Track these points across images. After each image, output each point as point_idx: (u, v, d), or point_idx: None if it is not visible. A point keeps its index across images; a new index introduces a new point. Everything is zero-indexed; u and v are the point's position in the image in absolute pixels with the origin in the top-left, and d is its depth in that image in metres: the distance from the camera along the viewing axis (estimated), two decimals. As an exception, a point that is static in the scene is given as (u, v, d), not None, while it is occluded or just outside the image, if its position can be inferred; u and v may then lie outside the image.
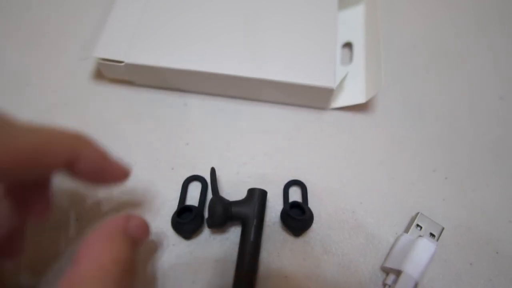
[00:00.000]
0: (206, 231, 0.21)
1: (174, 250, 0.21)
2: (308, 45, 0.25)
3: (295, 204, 0.22)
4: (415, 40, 0.30)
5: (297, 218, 0.21)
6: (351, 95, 0.26)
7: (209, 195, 0.22)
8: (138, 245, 0.17)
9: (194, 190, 0.23)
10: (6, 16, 0.30)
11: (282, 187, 0.23)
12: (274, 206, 0.23)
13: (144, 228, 0.17)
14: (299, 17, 0.26)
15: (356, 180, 0.23)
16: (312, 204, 0.22)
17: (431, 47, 0.29)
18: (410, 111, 0.26)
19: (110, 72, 0.26)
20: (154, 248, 0.21)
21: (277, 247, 0.21)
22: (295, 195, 0.23)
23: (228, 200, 0.21)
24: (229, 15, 0.26)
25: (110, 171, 0.17)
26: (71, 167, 0.15)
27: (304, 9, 0.27)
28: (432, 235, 0.21)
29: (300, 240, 0.21)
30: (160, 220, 0.22)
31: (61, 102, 0.26)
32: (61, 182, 0.21)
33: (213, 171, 0.22)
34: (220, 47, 0.25)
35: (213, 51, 0.25)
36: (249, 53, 0.25)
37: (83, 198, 0.22)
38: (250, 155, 0.24)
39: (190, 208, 0.21)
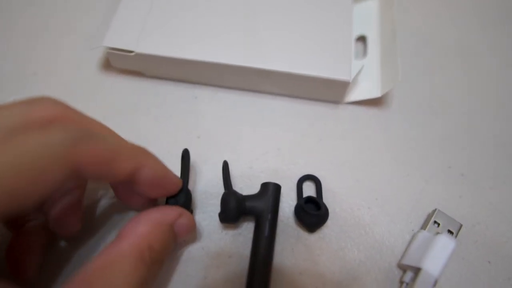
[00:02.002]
0: (218, 226, 0.21)
1: (185, 245, 0.20)
2: (324, 37, 0.24)
3: (309, 199, 0.21)
4: (429, 36, 0.29)
5: (312, 213, 0.20)
6: (366, 89, 0.25)
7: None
8: (178, 241, 0.17)
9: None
10: (13, 5, 0.29)
11: (295, 182, 0.22)
12: (288, 201, 0.22)
13: (190, 228, 0.18)
14: (315, 10, 0.26)
15: (371, 176, 0.23)
16: (326, 200, 0.22)
17: (446, 43, 0.29)
18: (425, 107, 0.26)
19: (119, 62, 0.25)
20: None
21: (291, 243, 0.21)
22: (308, 190, 0.22)
23: (241, 195, 0.20)
24: (244, 5, 0.26)
25: (168, 184, 0.18)
26: (134, 177, 0.16)
27: (319, 1, 0.26)
28: (450, 232, 0.20)
29: (314, 236, 0.21)
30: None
31: (68, 93, 0.25)
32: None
33: (225, 165, 0.22)
34: (233, 38, 0.24)
35: (225, 42, 0.24)
36: (263, 45, 0.24)
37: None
38: (263, 149, 0.24)
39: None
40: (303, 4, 0.26)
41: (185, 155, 0.20)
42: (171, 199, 0.19)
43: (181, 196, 0.19)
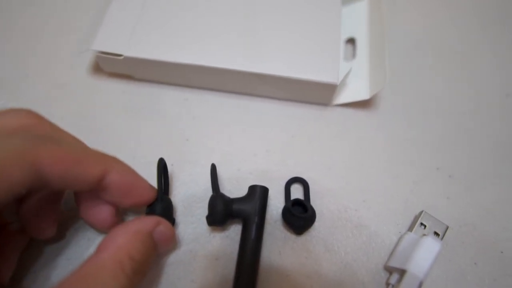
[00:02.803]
0: (206, 229, 0.21)
1: (172, 247, 0.20)
2: (311, 40, 0.24)
3: (297, 202, 0.21)
4: (418, 38, 0.29)
5: (299, 215, 0.20)
6: (354, 91, 0.25)
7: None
8: (158, 250, 0.17)
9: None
10: (4, 9, 0.29)
11: (283, 184, 0.23)
12: (276, 204, 0.22)
13: (169, 236, 0.18)
14: (303, 12, 0.26)
15: (359, 178, 0.23)
16: (314, 202, 0.22)
17: (435, 45, 0.29)
18: (413, 109, 0.26)
19: (108, 66, 0.25)
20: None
21: (278, 246, 0.21)
22: (297, 192, 0.23)
23: (229, 197, 0.20)
24: (231, 9, 0.26)
25: (138, 190, 0.18)
26: (102, 183, 0.16)
27: (307, 4, 0.26)
28: (436, 234, 0.20)
29: (302, 239, 0.21)
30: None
31: (58, 96, 0.25)
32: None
33: (213, 168, 0.22)
34: (221, 41, 0.24)
35: (214, 45, 0.24)
36: (251, 48, 0.24)
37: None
38: (251, 151, 0.24)
39: None
40: (292, 7, 0.26)
41: (159, 164, 0.20)
42: (148, 209, 0.19)
43: (157, 205, 0.19)
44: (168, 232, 0.18)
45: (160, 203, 0.19)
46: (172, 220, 0.20)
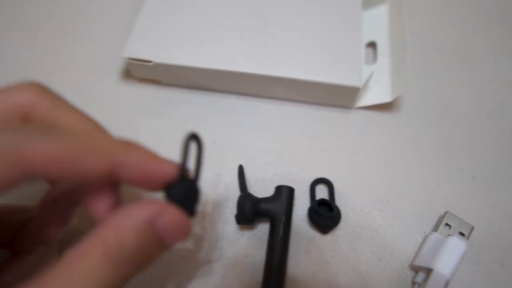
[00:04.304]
0: (234, 228, 0.22)
1: (204, 245, 0.21)
2: (334, 44, 0.25)
3: (322, 202, 0.22)
4: (439, 41, 0.29)
5: (325, 215, 0.21)
6: (376, 94, 0.26)
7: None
8: (165, 242, 0.14)
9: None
10: (36, 15, 0.31)
11: (307, 185, 0.23)
12: (301, 204, 0.23)
13: (177, 228, 0.14)
14: (324, 17, 0.26)
15: (382, 179, 0.23)
16: (338, 203, 0.22)
17: (455, 47, 0.29)
18: (435, 111, 0.26)
19: (138, 72, 0.27)
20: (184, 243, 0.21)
21: (304, 244, 0.21)
22: (321, 193, 0.23)
23: (256, 197, 0.21)
24: (255, 15, 0.27)
25: (158, 177, 0.15)
26: (111, 176, 0.14)
27: (328, 8, 0.27)
28: (461, 234, 0.21)
29: (327, 238, 0.22)
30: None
31: (89, 101, 0.27)
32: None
33: (241, 169, 0.22)
34: (246, 46, 0.25)
35: (240, 51, 0.25)
36: (276, 53, 0.25)
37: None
38: (276, 153, 0.24)
39: None
40: (314, 12, 0.27)
41: (186, 140, 0.15)
42: (165, 191, 0.15)
43: (175, 188, 0.15)
44: (175, 223, 0.14)
45: (179, 186, 0.15)
46: (190, 210, 0.15)
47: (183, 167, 0.15)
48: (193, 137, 0.15)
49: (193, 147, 0.15)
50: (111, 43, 0.29)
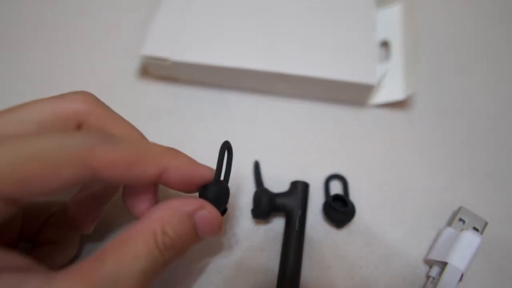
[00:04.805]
0: (250, 222, 0.22)
1: (221, 239, 0.22)
2: (348, 43, 0.26)
3: (337, 197, 0.22)
4: (452, 40, 0.30)
5: (340, 210, 0.21)
6: (390, 92, 0.26)
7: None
8: (200, 235, 0.16)
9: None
10: (53, 14, 0.32)
11: (321, 181, 0.24)
12: (315, 200, 0.23)
13: (212, 223, 0.16)
14: (338, 16, 0.27)
15: (396, 175, 0.24)
16: (352, 198, 0.23)
17: (469, 45, 0.29)
18: (448, 108, 0.26)
19: (156, 70, 0.27)
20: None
21: (319, 239, 0.22)
22: (335, 189, 0.23)
23: (272, 192, 0.22)
24: (270, 13, 0.27)
25: (197, 182, 0.17)
26: (160, 180, 0.16)
27: (342, 7, 0.27)
28: (475, 229, 0.21)
29: (342, 232, 0.22)
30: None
31: (106, 99, 0.27)
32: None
33: (257, 164, 0.23)
34: (262, 44, 0.26)
35: (255, 48, 0.26)
36: (292, 51, 0.25)
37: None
38: (290, 149, 0.25)
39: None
40: (328, 10, 0.27)
41: (223, 147, 0.18)
42: (200, 191, 0.18)
43: (209, 188, 0.17)
44: (211, 218, 0.16)
45: (213, 187, 0.17)
46: (222, 208, 0.18)
47: (219, 171, 0.17)
48: (227, 145, 0.18)
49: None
50: (129, 42, 0.30)
